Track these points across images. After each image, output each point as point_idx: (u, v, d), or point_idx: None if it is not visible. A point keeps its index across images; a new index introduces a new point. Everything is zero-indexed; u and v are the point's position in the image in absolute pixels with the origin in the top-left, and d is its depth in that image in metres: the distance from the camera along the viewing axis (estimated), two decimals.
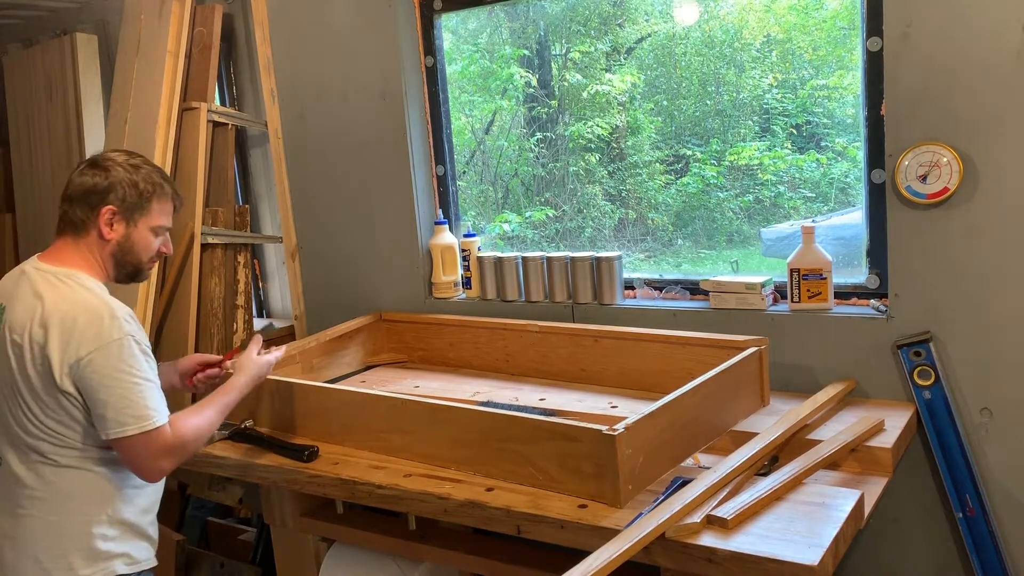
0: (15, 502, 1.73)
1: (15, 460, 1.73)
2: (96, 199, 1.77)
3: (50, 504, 1.72)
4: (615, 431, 1.62)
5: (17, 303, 1.72)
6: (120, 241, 1.80)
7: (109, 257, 1.80)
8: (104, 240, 1.79)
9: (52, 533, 1.72)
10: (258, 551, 2.97)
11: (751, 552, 1.43)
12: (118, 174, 1.79)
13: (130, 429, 1.65)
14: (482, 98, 3.13)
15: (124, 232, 1.80)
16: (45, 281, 1.72)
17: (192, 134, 3.13)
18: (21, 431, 1.71)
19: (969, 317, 2.01)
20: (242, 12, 3.33)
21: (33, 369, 1.67)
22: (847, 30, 2.38)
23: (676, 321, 2.38)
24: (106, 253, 1.80)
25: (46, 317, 1.66)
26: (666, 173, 2.83)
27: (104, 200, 1.77)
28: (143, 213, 1.82)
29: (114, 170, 1.79)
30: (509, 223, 3.04)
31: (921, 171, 1.99)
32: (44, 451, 1.70)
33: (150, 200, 1.82)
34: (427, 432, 1.92)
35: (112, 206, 1.78)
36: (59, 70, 3.66)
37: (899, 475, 2.00)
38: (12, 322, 1.71)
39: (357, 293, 2.99)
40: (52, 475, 1.71)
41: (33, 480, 1.72)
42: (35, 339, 1.67)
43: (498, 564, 1.99)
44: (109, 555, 1.74)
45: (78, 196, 1.78)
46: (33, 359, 1.67)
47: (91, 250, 1.79)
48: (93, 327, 1.65)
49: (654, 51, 2.85)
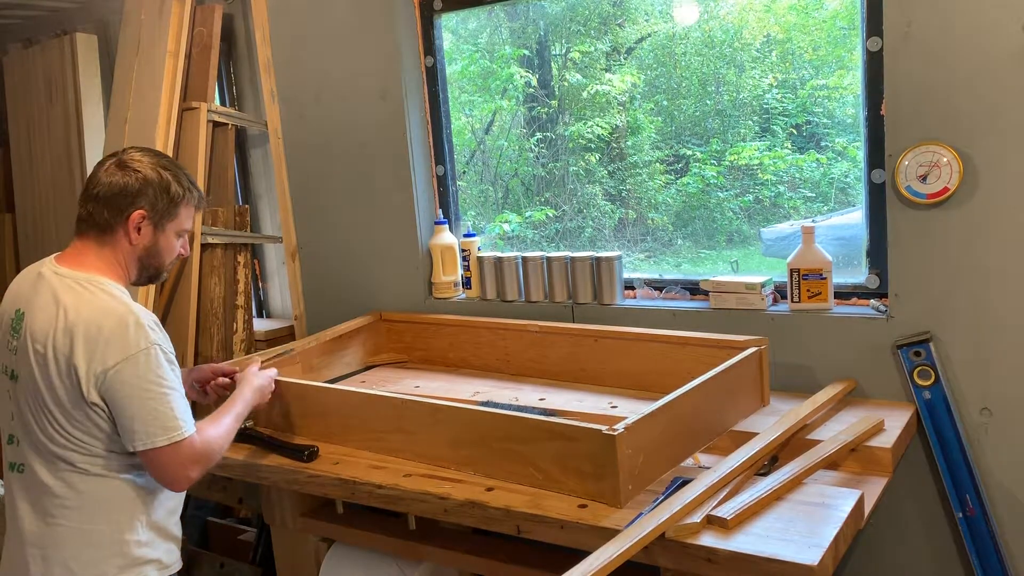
0: (45, 511, 1.70)
1: (42, 469, 1.69)
2: (126, 202, 1.71)
3: (82, 513, 1.69)
4: (615, 431, 1.62)
5: (37, 310, 1.67)
6: (147, 245, 1.76)
7: (134, 261, 1.76)
8: (131, 244, 1.74)
9: (84, 542, 1.69)
10: (258, 551, 2.96)
11: (751, 552, 1.43)
12: (150, 176, 1.73)
13: (160, 441, 1.62)
14: (482, 98, 3.14)
15: (152, 236, 1.76)
16: (66, 287, 1.67)
17: (192, 134, 3.13)
18: (47, 440, 1.68)
19: (969, 317, 2.01)
20: (242, 12, 3.33)
21: (59, 380, 1.63)
22: (847, 30, 2.38)
23: (676, 321, 2.38)
24: (131, 256, 1.75)
25: (70, 326, 1.62)
26: (666, 173, 2.83)
27: (134, 203, 1.72)
28: (171, 218, 1.77)
29: (145, 172, 1.73)
30: (509, 223, 3.04)
31: (921, 171, 1.99)
32: (72, 460, 1.67)
33: (179, 204, 1.78)
34: (427, 432, 1.92)
35: (143, 210, 1.72)
36: (59, 70, 3.66)
37: (899, 475, 2.00)
38: (33, 330, 1.66)
39: (357, 293, 2.99)
40: (82, 484, 1.68)
41: (63, 489, 1.68)
42: (60, 349, 1.62)
43: (498, 564, 1.99)
44: (142, 561, 1.72)
45: (106, 197, 1.71)
46: (59, 370, 1.63)
47: (114, 253, 1.74)
48: (119, 336, 1.61)
49: (654, 51, 2.85)
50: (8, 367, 1.73)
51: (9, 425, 1.76)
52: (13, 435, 1.76)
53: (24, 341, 1.68)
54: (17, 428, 1.74)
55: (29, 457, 1.71)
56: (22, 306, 1.71)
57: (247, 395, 1.97)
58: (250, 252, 3.33)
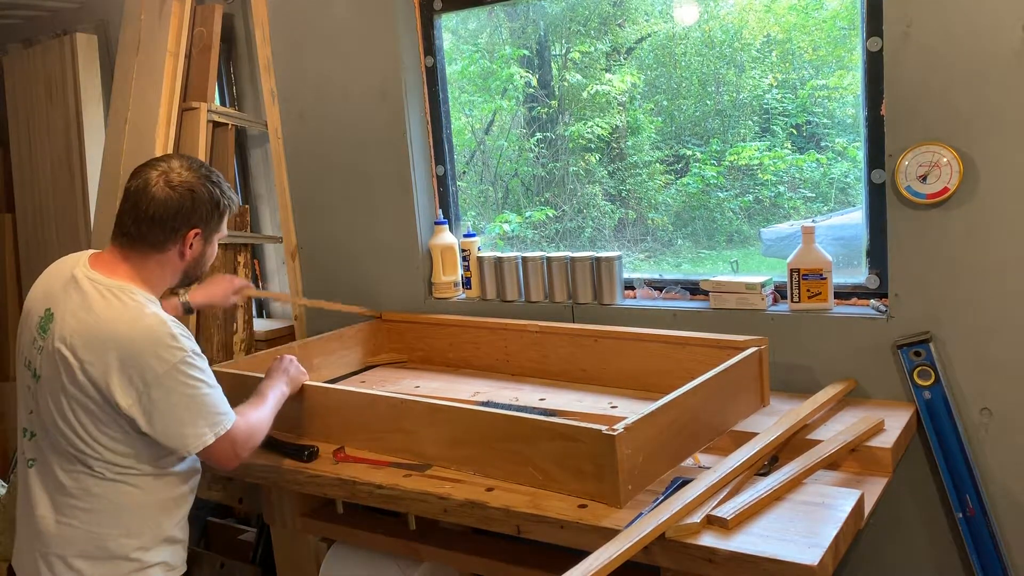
0: (57, 509, 1.71)
1: (58, 468, 1.70)
2: (181, 221, 1.74)
3: (92, 515, 1.70)
4: (615, 431, 1.62)
5: (68, 315, 1.67)
6: (196, 257, 1.81)
7: (181, 272, 1.81)
8: (183, 260, 1.78)
9: (91, 543, 1.70)
10: (258, 551, 2.96)
11: (751, 552, 1.43)
12: (200, 193, 1.75)
13: (209, 438, 1.68)
14: (482, 98, 3.14)
15: (201, 249, 1.81)
16: (99, 295, 1.67)
17: (192, 134, 3.13)
18: (67, 443, 1.68)
19: (969, 317, 2.01)
20: (242, 12, 3.33)
21: (91, 388, 1.64)
22: (847, 30, 2.38)
23: (676, 321, 2.38)
24: (179, 269, 1.80)
25: (104, 338, 1.63)
26: (666, 173, 2.83)
27: (190, 222, 1.75)
28: (218, 229, 1.83)
29: (196, 189, 1.75)
30: (509, 223, 3.04)
31: (921, 171, 1.99)
32: (91, 464, 1.68)
33: (224, 215, 1.82)
34: (427, 432, 1.92)
35: (198, 228, 1.76)
36: (59, 70, 3.66)
37: (899, 475, 2.00)
38: (63, 334, 1.66)
39: (357, 293, 2.99)
40: (96, 487, 1.69)
41: (76, 490, 1.70)
42: (91, 360, 1.63)
43: (498, 564, 1.99)
44: (149, 564, 1.75)
45: (161, 218, 1.72)
46: (89, 378, 1.63)
47: (160, 265, 1.76)
48: (155, 349, 1.63)
49: (654, 51, 2.85)
50: (32, 364, 1.74)
51: (27, 419, 1.77)
52: (29, 430, 1.77)
53: (51, 343, 1.68)
54: (35, 424, 1.75)
55: (46, 454, 1.73)
56: (52, 306, 1.71)
57: (283, 386, 2.02)
58: (250, 252, 3.33)
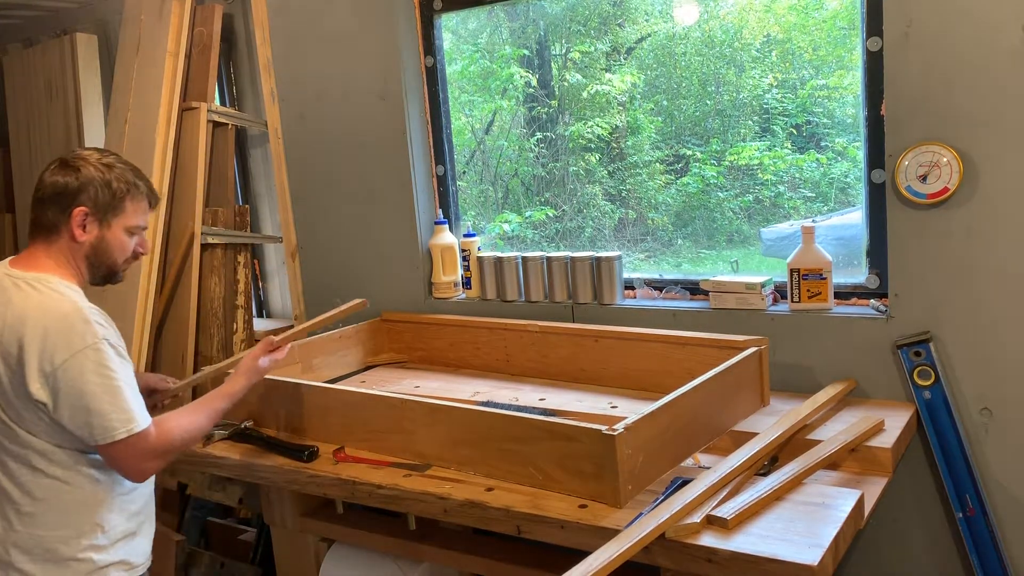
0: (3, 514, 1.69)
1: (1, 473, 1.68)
2: (67, 200, 1.70)
3: (38, 519, 1.67)
4: (615, 431, 1.62)
5: None
6: (94, 243, 1.73)
7: (83, 259, 1.74)
8: (77, 242, 1.71)
9: (41, 549, 1.67)
10: (258, 551, 2.96)
11: (751, 552, 1.43)
12: (89, 173, 1.71)
13: (119, 433, 1.62)
14: (482, 98, 3.14)
15: (97, 233, 1.73)
16: (16, 287, 1.66)
17: (192, 134, 3.13)
18: (6, 439, 1.66)
19: (969, 317, 2.01)
20: (242, 12, 3.33)
21: (7, 378, 1.63)
22: (847, 30, 2.38)
23: (676, 321, 2.38)
24: (79, 255, 1.73)
25: (18, 325, 1.61)
26: (666, 173, 2.83)
27: (76, 201, 1.70)
28: (117, 213, 1.74)
29: (85, 169, 1.71)
30: (509, 223, 3.04)
31: (921, 171, 1.99)
32: (31, 461, 1.66)
33: (123, 200, 1.74)
34: (427, 432, 1.92)
35: (84, 207, 1.70)
36: (59, 70, 3.66)
37: (899, 475, 2.00)
38: None
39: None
40: (39, 490, 1.66)
41: (19, 495, 1.67)
42: (8, 348, 1.62)
43: (498, 564, 1.99)
44: (104, 564, 1.70)
45: (49, 197, 1.71)
46: (7, 368, 1.62)
47: (63, 253, 1.72)
48: (66, 333, 1.59)
49: (654, 51, 2.85)
50: None
51: None
52: None
53: None
54: None
55: None
56: None
57: (238, 391, 1.93)
58: (250, 252, 3.33)
